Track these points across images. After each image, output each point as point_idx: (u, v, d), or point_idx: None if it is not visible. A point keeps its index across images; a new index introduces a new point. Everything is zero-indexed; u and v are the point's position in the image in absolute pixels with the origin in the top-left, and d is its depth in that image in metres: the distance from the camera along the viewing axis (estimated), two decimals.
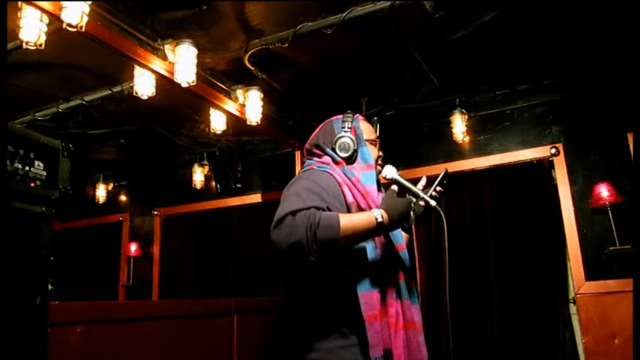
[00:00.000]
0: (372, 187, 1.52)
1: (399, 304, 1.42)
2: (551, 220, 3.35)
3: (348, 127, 1.57)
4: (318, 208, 1.28)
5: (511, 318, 3.31)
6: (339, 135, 1.56)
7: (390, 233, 1.47)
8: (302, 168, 1.61)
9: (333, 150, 1.55)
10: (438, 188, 1.52)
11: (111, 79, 3.12)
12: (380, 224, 1.33)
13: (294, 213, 1.24)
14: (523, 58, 3.15)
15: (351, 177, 1.50)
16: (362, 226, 1.31)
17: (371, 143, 1.61)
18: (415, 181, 1.55)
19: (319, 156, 1.58)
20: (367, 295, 1.34)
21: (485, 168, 3.60)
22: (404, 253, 1.50)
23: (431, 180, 1.55)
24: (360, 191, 1.48)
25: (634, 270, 2.39)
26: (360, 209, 1.44)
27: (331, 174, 1.47)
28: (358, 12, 2.49)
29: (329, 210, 1.34)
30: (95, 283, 5.00)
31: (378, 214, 1.34)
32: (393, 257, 1.47)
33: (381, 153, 1.66)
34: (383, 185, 1.63)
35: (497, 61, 3.17)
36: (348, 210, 1.42)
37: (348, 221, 1.29)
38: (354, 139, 1.55)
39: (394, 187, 1.46)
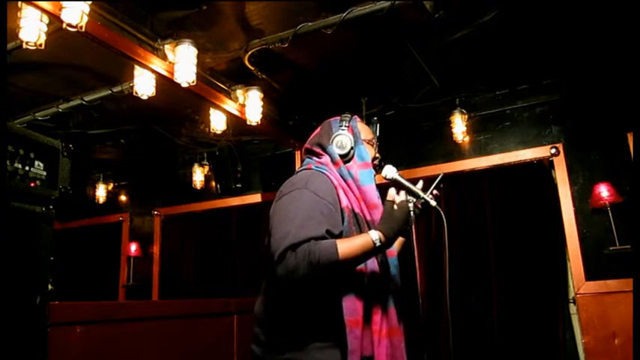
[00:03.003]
0: (371, 186, 1.51)
1: (384, 312, 1.42)
2: (551, 220, 3.35)
3: (346, 126, 1.59)
4: (317, 238, 1.29)
5: (511, 318, 3.31)
6: (337, 133, 1.58)
7: None
8: (301, 165, 1.61)
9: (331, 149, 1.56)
10: (435, 192, 1.52)
11: (111, 79, 3.12)
12: (378, 247, 1.34)
13: (294, 248, 1.26)
14: (523, 58, 3.15)
15: (348, 179, 1.49)
16: (361, 252, 1.32)
17: (368, 143, 1.62)
18: (414, 182, 1.55)
19: (319, 155, 1.58)
20: (350, 300, 1.34)
21: (486, 168, 3.60)
22: (393, 260, 1.50)
23: (428, 182, 1.55)
24: (355, 195, 1.48)
25: (634, 270, 2.39)
26: (354, 214, 1.44)
27: (328, 176, 1.47)
28: (358, 12, 2.49)
29: (329, 232, 1.33)
30: (95, 283, 5.00)
31: (375, 238, 1.34)
32: (381, 264, 1.47)
33: (377, 155, 1.66)
34: (383, 185, 1.63)
35: (497, 61, 3.17)
36: (342, 214, 1.42)
37: (347, 249, 1.30)
38: (351, 137, 1.57)
39: (392, 195, 1.42)
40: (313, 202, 1.37)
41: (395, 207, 1.40)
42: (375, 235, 1.34)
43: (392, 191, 1.44)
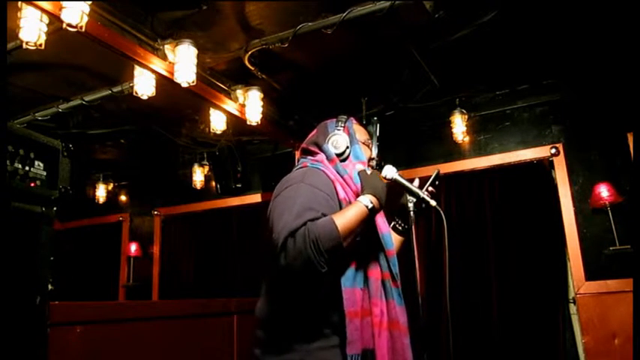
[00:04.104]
0: None
1: (384, 304, 1.42)
2: (551, 220, 3.35)
3: (341, 127, 1.62)
4: (312, 220, 1.29)
5: (511, 318, 3.31)
6: (333, 133, 1.60)
7: (381, 238, 1.47)
8: (296, 166, 1.62)
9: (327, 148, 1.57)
10: (430, 188, 1.53)
11: (111, 79, 3.12)
12: (372, 210, 1.36)
13: (292, 234, 1.25)
14: (523, 58, 3.15)
15: (344, 174, 1.51)
16: (357, 219, 1.33)
17: (364, 144, 1.63)
18: (410, 181, 1.55)
19: (314, 154, 1.59)
20: (350, 291, 1.35)
21: (486, 168, 3.61)
22: (392, 259, 1.51)
23: (423, 181, 1.56)
24: (352, 189, 1.49)
25: (634, 270, 2.39)
26: None
27: (324, 171, 1.48)
28: (358, 12, 2.49)
29: (323, 215, 1.33)
30: (95, 283, 5.00)
31: (367, 202, 1.36)
32: (381, 262, 1.47)
33: (373, 155, 1.67)
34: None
35: (497, 61, 3.16)
36: (340, 206, 1.42)
37: (344, 220, 1.30)
38: (346, 137, 1.59)
39: (359, 167, 1.51)
40: (311, 194, 1.37)
41: (368, 174, 1.46)
42: (364, 200, 1.36)
43: (360, 165, 1.50)
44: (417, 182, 1.57)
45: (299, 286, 1.37)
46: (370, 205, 1.36)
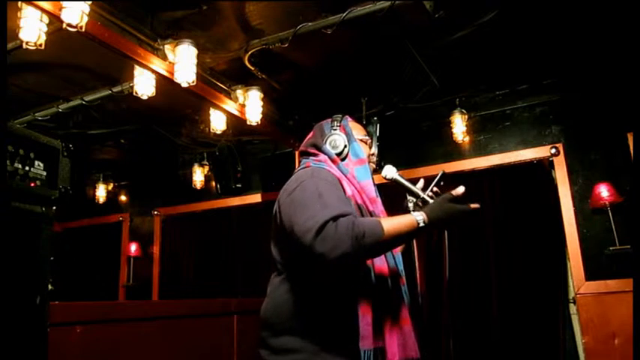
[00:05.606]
0: (368, 182, 1.52)
1: (393, 301, 1.43)
2: (551, 219, 3.35)
3: (337, 126, 1.61)
4: (350, 214, 1.26)
5: (511, 318, 3.31)
6: (330, 134, 1.59)
7: None
8: (299, 167, 1.62)
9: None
10: (435, 189, 1.52)
11: (111, 79, 3.12)
12: (421, 228, 1.32)
13: (335, 219, 1.21)
14: (523, 58, 3.15)
15: (347, 173, 1.51)
16: (405, 230, 1.30)
17: (361, 141, 1.62)
18: (414, 182, 1.55)
19: (315, 156, 1.58)
20: (362, 288, 1.35)
21: (486, 168, 3.60)
22: (398, 256, 1.52)
23: (428, 181, 1.56)
24: (356, 187, 1.49)
25: (634, 270, 2.39)
26: (357, 205, 1.45)
27: (329, 170, 1.48)
28: (358, 12, 2.49)
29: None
30: (95, 283, 5.00)
31: (420, 218, 1.32)
32: (388, 258, 1.47)
33: (372, 151, 1.66)
34: (382, 185, 1.63)
35: (497, 61, 3.17)
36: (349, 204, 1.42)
37: (391, 226, 1.27)
38: (344, 136, 1.58)
39: (458, 192, 1.38)
40: (328, 186, 1.36)
41: (449, 201, 1.37)
42: (419, 216, 1.32)
43: (460, 189, 1.39)
44: (421, 183, 1.56)
45: (314, 282, 1.36)
46: (422, 224, 1.31)
